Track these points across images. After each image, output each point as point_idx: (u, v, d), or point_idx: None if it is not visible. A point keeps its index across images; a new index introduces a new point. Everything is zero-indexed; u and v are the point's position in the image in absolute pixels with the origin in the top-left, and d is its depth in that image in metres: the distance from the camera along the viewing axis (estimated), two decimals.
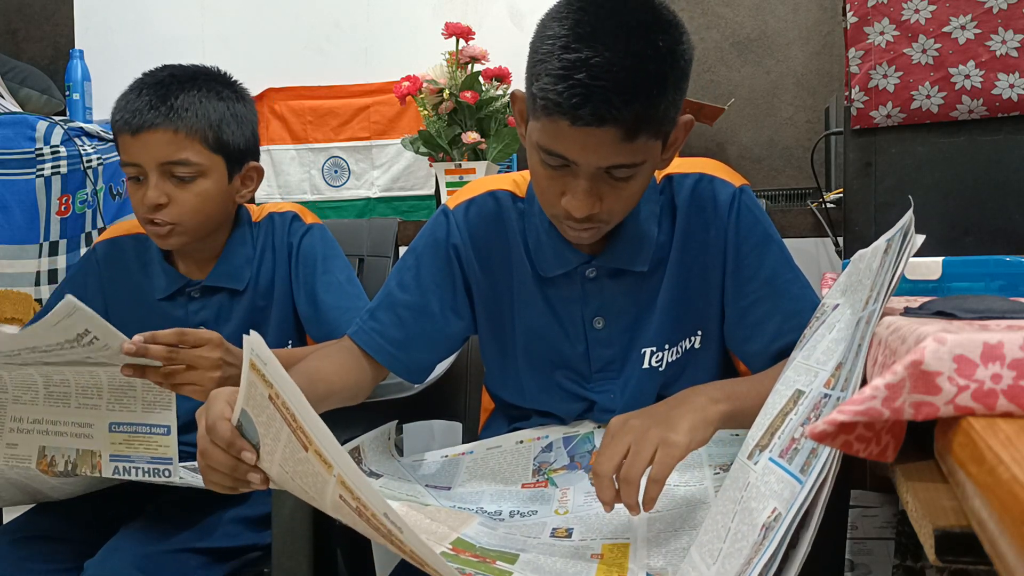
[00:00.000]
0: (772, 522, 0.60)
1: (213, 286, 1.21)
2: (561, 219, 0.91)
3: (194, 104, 1.12)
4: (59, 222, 1.65)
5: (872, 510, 1.04)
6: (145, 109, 1.10)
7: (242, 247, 1.22)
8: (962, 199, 1.21)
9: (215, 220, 1.18)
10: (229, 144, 1.16)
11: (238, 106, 1.18)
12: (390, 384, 1.10)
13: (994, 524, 0.34)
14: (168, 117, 1.10)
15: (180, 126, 1.10)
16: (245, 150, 1.19)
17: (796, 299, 0.97)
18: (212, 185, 1.15)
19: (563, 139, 0.83)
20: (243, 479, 0.73)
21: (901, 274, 0.61)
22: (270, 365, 0.63)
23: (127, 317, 1.23)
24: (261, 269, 1.23)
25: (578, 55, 0.79)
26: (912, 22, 1.19)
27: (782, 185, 2.18)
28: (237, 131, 1.17)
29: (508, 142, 1.97)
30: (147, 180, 1.12)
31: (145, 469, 1.00)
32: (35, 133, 1.60)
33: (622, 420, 0.81)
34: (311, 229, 1.24)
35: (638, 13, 0.81)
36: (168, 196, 1.12)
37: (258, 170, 1.23)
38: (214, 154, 1.14)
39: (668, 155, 0.92)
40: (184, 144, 1.11)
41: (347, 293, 1.21)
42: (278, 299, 1.23)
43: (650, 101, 0.80)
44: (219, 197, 1.16)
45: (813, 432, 0.47)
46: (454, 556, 0.77)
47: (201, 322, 1.21)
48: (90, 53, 2.39)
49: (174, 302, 1.22)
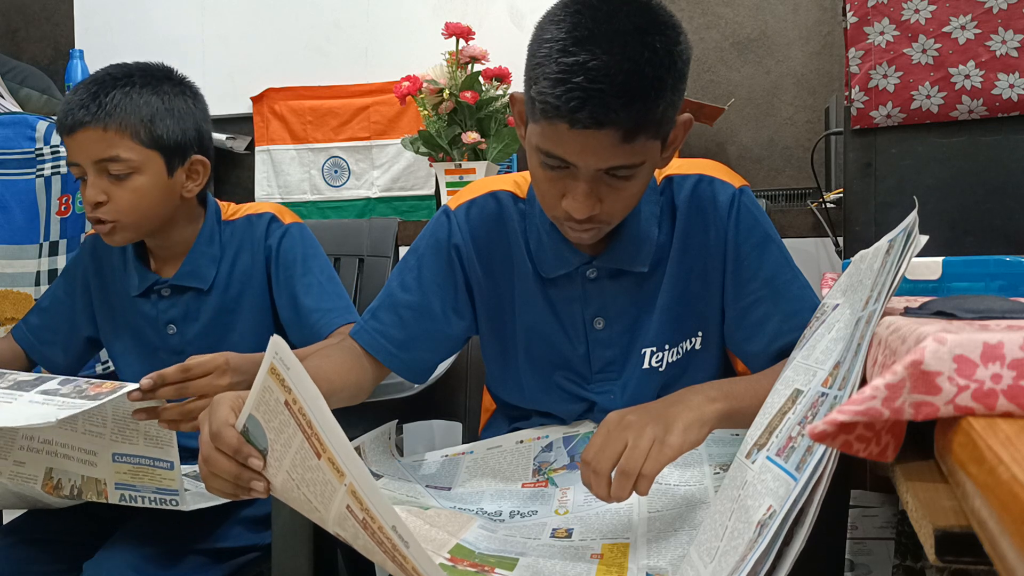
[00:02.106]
0: (767, 519, 0.60)
1: (180, 285, 1.22)
2: (562, 220, 0.91)
3: (123, 100, 1.11)
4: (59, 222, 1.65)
5: (872, 510, 1.04)
6: (76, 108, 1.10)
7: (208, 247, 1.22)
8: (962, 199, 1.21)
9: (159, 215, 1.17)
10: (164, 138, 1.14)
11: (177, 100, 1.17)
12: (390, 384, 1.10)
13: (994, 524, 0.34)
14: (95, 115, 1.10)
15: (109, 123, 1.10)
16: (185, 144, 1.17)
17: (796, 299, 0.97)
18: (148, 180, 1.14)
19: (562, 142, 0.83)
20: (246, 486, 0.72)
21: (903, 275, 0.60)
22: (293, 370, 0.62)
23: (107, 312, 1.26)
24: (234, 269, 1.23)
25: (575, 59, 0.79)
26: (912, 22, 1.19)
27: (782, 185, 2.18)
28: (173, 125, 1.15)
29: (508, 142, 1.97)
30: (87, 179, 1.13)
31: (151, 498, 1.00)
32: (35, 133, 1.60)
33: (619, 416, 0.81)
34: (289, 229, 1.24)
35: (635, 16, 0.82)
36: (106, 193, 1.12)
37: (203, 163, 1.21)
38: (147, 149, 1.13)
39: (668, 154, 0.92)
40: (114, 141, 1.11)
41: (327, 293, 1.21)
42: (251, 300, 1.23)
43: (648, 103, 0.80)
44: (158, 192, 1.15)
45: (813, 432, 0.47)
46: (452, 567, 0.77)
47: (170, 320, 1.23)
48: (90, 53, 2.39)
49: (147, 299, 1.24)
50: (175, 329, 1.23)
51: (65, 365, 1.29)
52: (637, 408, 0.83)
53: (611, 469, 0.77)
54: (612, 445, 0.78)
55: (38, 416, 0.88)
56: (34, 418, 0.88)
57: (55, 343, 1.29)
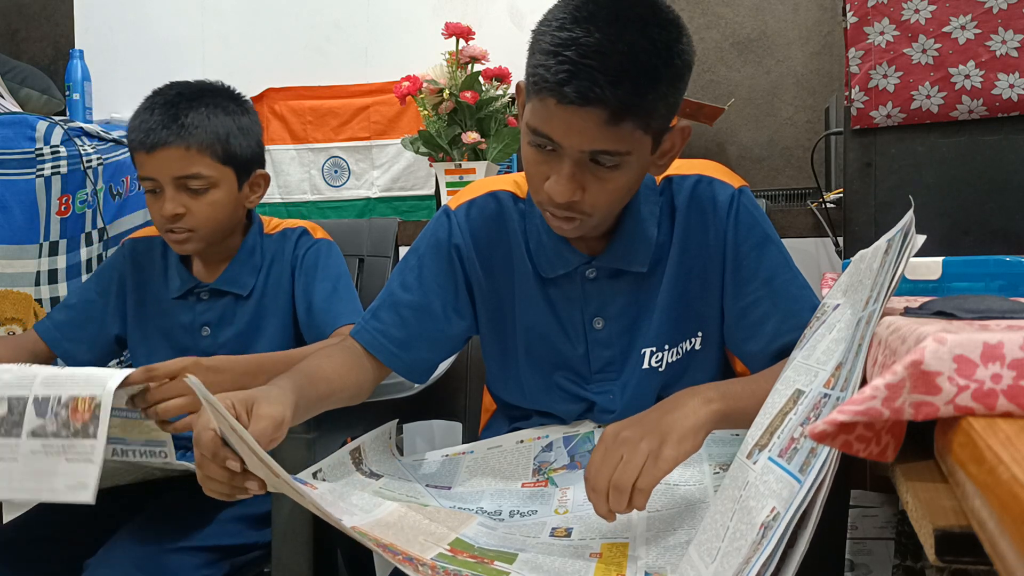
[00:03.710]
0: (771, 521, 0.60)
1: (220, 289, 1.28)
2: (545, 205, 0.91)
3: (203, 121, 1.20)
4: (59, 222, 1.65)
5: (872, 510, 1.04)
6: (158, 128, 1.18)
7: (251, 256, 1.30)
8: (962, 199, 1.21)
9: (227, 225, 1.27)
10: (237, 155, 1.24)
11: (243, 119, 1.26)
12: (390, 384, 1.10)
13: (994, 524, 0.34)
14: (179, 135, 1.18)
15: (191, 143, 1.18)
16: (251, 159, 1.27)
17: (795, 299, 0.97)
18: (223, 195, 1.23)
19: (550, 119, 0.83)
20: (240, 487, 0.75)
21: (902, 274, 0.61)
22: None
23: (139, 313, 1.32)
24: (268, 279, 1.30)
25: (570, 34, 0.80)
26: (912, 22, 1.19)
27: (782, 185, 2.18)
28: (243, 143, 1.25)
29: (508, 142, 1.97)
30: (163, 193, 1.20)
31: (141, 451, 1.02)
32: (35, 133, 1.60)
33: (615, 431, 0.82)
34: (317, 243, 1.32)
35: (638, 7, 0.83)
36: (184, 207, 1.20)
37: (264, 177, 1.31)
38: (223, 166, 1.22)
39: (663, 162, 0.93)
40: (195, 159, 1.19)
41: (339, 297, 1.27)
42: (279, 307, 1.30)
43: (638, 87, 0.81)
44: (230, 205, 1.25)
45: (813, 432, 0.47)
46: (451, 557, 0.77)
47: (205, 323, 1.29)
48: (90, 53, 2.38)
49: (185, 302, 1.30)
50: (209, 331, 1.28)
51: (88, 361, 1.33)
52: (633, 421, 0.83)
53: (608, 485, 0.78)
54: (608, 461, 0.79)
55: (78, 488, 0.89)
56: (75, 491, 0.89)
57: (81, 340, 1.33)
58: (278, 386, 0.86)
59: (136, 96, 1.25)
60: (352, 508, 0.84)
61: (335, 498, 0.86)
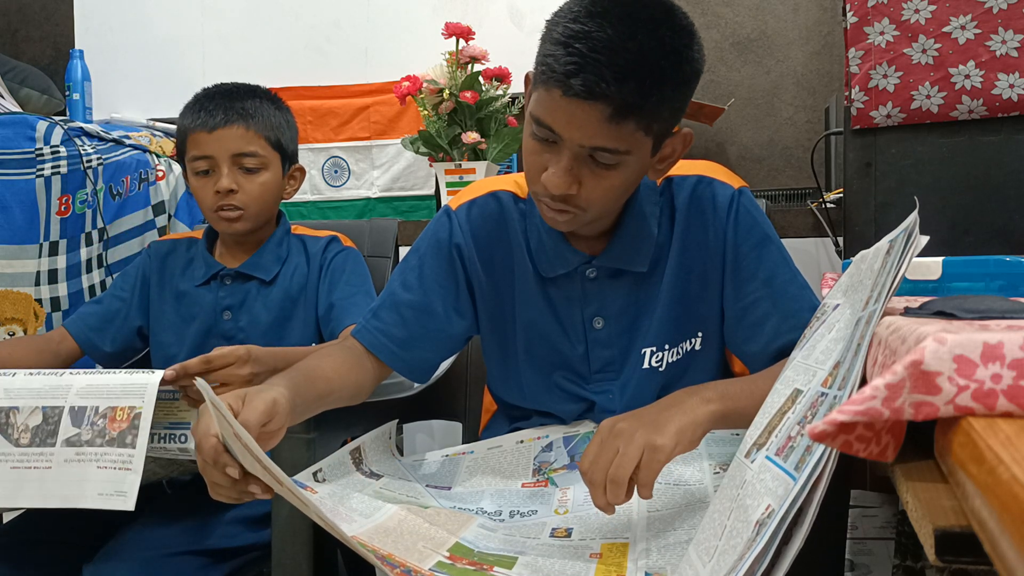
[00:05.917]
0: (766, 518, 0.60)
1: (244, 273, 1.35)
2: (539, 196, 0.91)
3: (260, 108, 1.32)
4: (59, 222, 1.65)
5: (872, 510, 1.04)
6: (219, 111, 1.29)
7: (277, 247, 1.38)
8: (962, 199, 1.21)
9: (270, 210, 1.36)
10: (284, 146, 1.35)
11: (288, 116, 1.38)
12: (390, 384, 1.10)
13: (994, 524, 0.34)
14: (241, 116, 1.29)
15: (251, 124, 1.30)
16: (293, 152, 1.39)
17: (794, 299, 0.97)
18: (271, 177, 1.33)
19: (553, 110, 0.84)
20: (245, 491, 0.75)
21: (903, 275, 0.60)
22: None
23: (161, 303, 1.38)
24: (295, 273, 1.36)
25: (583, 27, 0.81)
26: (912, 22, 1.19)
27: (782, 185, 2.18)
28: (289, 136, 1.37)
29: (508, 142, 1.97)
30: (218, 171, 1.29)
31: (162, 435, 1.01)
32: (35, 133, 1.60)
33: (610, 424, 0.81)
34: (347, 250, 1.39)
35: (652, 9, 0.83)
36: (238, 184, 1.29)
37: (301, 171, 1.41)
38: (274, 151, 1.33)
39: (662, 166, 0.93)
40: (253, 139, 1.30)
41: (357, 302, 1.31)
42: (307, 302, 1.36)
43: (642, 88, 0.81)
44: (276, 190, 1.34)
45: (813, 432, 0.47)
46: (450, 565, 0.77)
47: (227, 307, 1.34)
48: (90, 53, 2.38)
49: (208, 287, 1.36)
50: (230, 316, 1.34)
51: (111, 353, 1.37)
52: (630, 415, 0.83)
53: (605, 478, 0.77)
54: (604, 454, 0.78)
55: (114, 496, 0.88)
56: (109, 499, 0.88)
57: (105, 331, 1.37)
58: (272, 382, 0.86)
59: (136, 96, 1.25)
60: (352, 513, 0.84)
61: (335, 502, 0.85)
